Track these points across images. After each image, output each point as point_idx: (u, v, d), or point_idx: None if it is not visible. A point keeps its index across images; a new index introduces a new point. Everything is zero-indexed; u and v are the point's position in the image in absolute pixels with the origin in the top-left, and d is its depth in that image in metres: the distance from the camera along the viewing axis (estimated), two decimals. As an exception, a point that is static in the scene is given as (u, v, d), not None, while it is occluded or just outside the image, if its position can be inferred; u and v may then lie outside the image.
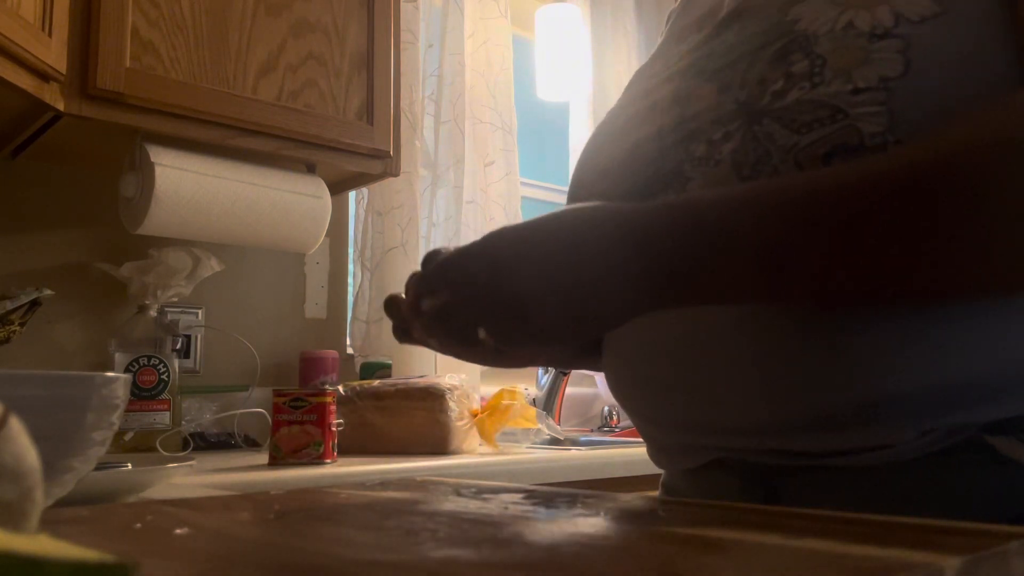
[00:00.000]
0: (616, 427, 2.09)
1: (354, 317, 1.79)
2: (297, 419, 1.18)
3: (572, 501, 0.45)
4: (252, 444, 1.49)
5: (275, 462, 1.17)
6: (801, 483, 0.52)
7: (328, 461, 1.17)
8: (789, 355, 0.50)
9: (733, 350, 0.52)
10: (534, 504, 0.44)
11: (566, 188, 2.26)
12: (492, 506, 0.43)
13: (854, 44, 0.47)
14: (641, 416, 0.63)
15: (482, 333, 0.47)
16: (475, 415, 1.41)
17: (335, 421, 1.21)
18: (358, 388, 1.38)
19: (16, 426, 0.25)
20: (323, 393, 1.20)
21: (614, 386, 0.66)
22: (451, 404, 1.35)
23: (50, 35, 1.11)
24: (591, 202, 0.55)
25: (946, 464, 0.47)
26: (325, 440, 1.18)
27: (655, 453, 0.66)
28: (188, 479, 0.97)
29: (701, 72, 0.55)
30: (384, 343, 1.74)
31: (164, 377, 1.36)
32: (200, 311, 1.58)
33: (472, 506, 0.43)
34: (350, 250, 1.84)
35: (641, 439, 0.66)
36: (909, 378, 0.47)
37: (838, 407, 0.49)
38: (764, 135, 0.49)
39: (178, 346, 1.41)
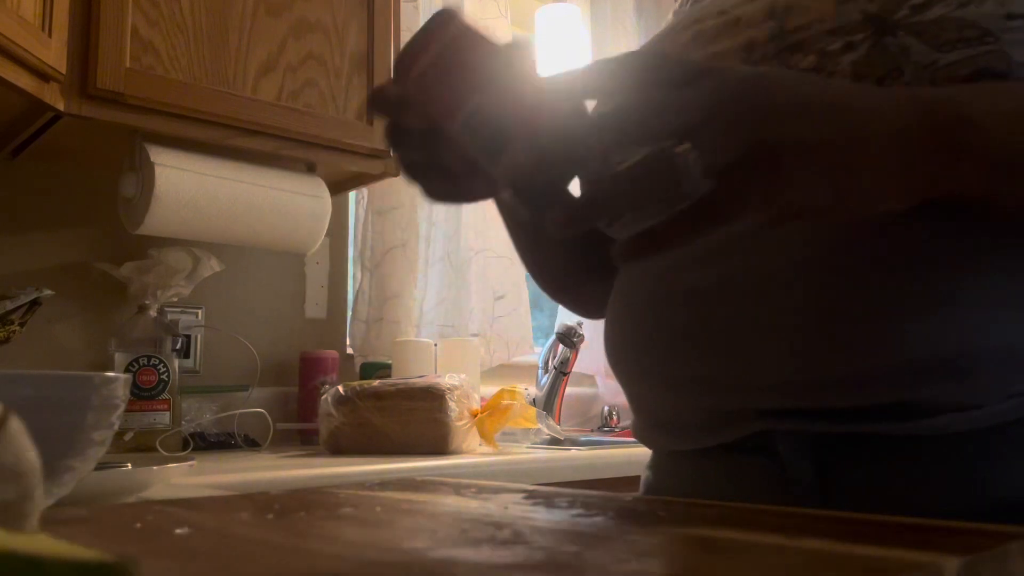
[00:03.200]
0: (616, 427, 2.09)
1: (354, 317, 1.79)
2: None
3: (572, 501, 0.45)
4: (252, 444, 1.49)
5: None
6: (861, 456, 0.47)
7: None
8: (864, 295, 0.45)
9: (791, 292, 0.47)
10: (534, 504, 0.44)
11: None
12: (492, 506, 0.43)
13: None
14: (651, 377, 0.55)
15: (687, 160, 0.38)
16: (475, 415, 1.41)
17: None
18: (358, 388, 1.38)
19: (16, 426, 0.25)
20: None
21: (617, 342, 0.58)
22: (451, 404, 1.35)
23: (50, 35, 1.11)
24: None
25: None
26: None
27: (650, 429, 0.59)
28: (188, 479, 0.97)
29: None
30: (384, 343, 1.74)
31: (164, 377, 1.36)
32: (200, 311, 1.58)
33: (472, 506, 0.43)
34: (350, 250, 1.84)
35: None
36: (1004, 333, 0.44)
37: (922, 358, 0.44)
38: (897, 48, 0.45)
39: (178, 346, 1.41)
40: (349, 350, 1.79)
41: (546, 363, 1.97)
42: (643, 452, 0.67)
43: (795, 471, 0.49)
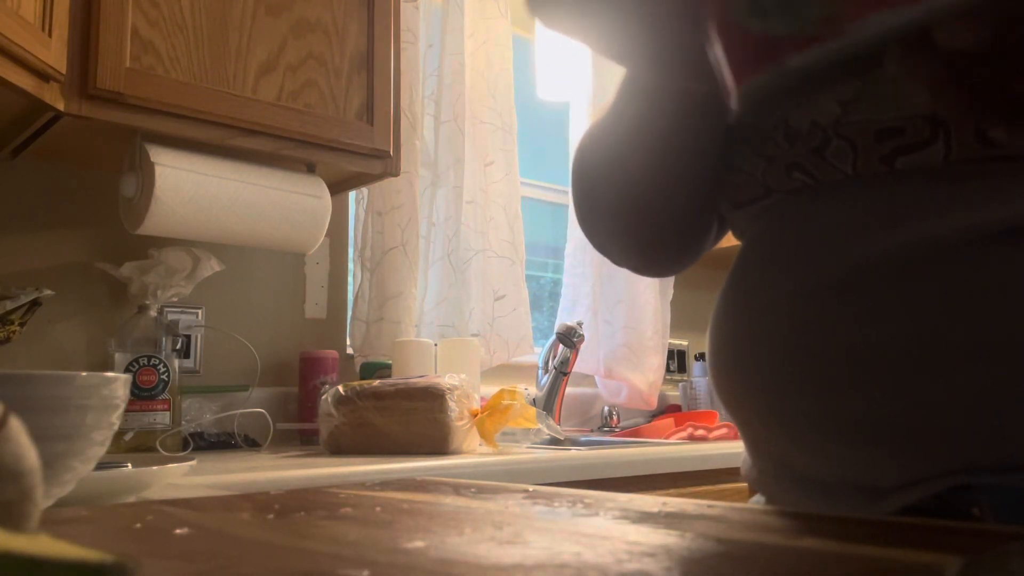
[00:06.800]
0: (616, 427, 2.09)
1: (354, 317, 1.79)
2: None
3: (572, 501, 0.45)
4: (252, 444, 1.49)
5: None
6: None
7: None
8: None
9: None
10: (534, 504, 0.44)
11: (566, 188, 2.23)
12: (492, 506, 0.43)
13: None
14: (792, 414, 0.42)
15: None
16: (475, 415, 1.41)
17: None
18: (358, 388, 1.38)
19: (16, 426, 0.25)
20: None
21: (737, 362, 0.45)
22: (451, 404, 1.35)
23: (50, 35, 1.11)
24: None
25: None
26: None
27: (780, 481, 0.45)
28: (188, 479, 0.97)
29: None
30: (384, 343, 1.74)
31: (164, 377, 1.36)
32: (200, 311, 1.58)
33: (472, 506, 0.43)
34: (350, 250, 1.84)
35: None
36: None
37: None
38: None
39: (178, 346, 1.41)
40: (349, 350, 1.79)
41: (546, 363, 1.97)
42: (642, 452, 0.65)
43: None
